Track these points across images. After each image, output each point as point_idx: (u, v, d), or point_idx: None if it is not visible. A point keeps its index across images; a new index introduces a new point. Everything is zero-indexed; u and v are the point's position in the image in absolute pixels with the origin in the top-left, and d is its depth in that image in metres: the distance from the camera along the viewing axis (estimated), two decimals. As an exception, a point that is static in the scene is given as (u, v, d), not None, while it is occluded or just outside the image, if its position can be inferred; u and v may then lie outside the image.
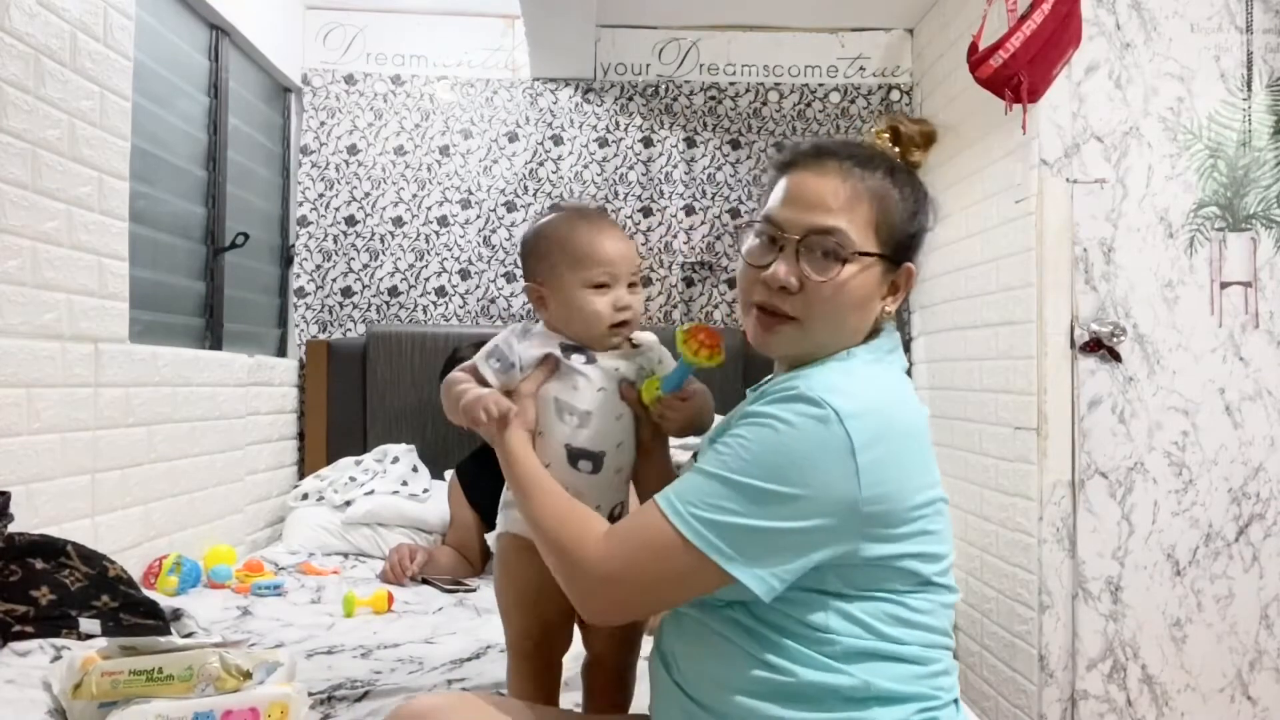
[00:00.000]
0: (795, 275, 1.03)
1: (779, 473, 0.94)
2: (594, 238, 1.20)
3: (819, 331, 1.06)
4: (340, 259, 3.49)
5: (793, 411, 0.96)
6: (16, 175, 1.89)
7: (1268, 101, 2.46)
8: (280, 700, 1.32)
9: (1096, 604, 2.44)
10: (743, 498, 0.95)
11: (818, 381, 0.98)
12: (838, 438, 0.94)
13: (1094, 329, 2.42)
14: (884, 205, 1.06)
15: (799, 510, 0.94)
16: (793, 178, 1.08)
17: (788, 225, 1.05)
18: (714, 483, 0.97)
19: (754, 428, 0.97)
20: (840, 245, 1.03)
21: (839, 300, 1.04)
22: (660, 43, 3.59)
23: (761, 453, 0.95)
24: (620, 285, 1.19)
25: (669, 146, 3.57)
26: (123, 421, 2.24)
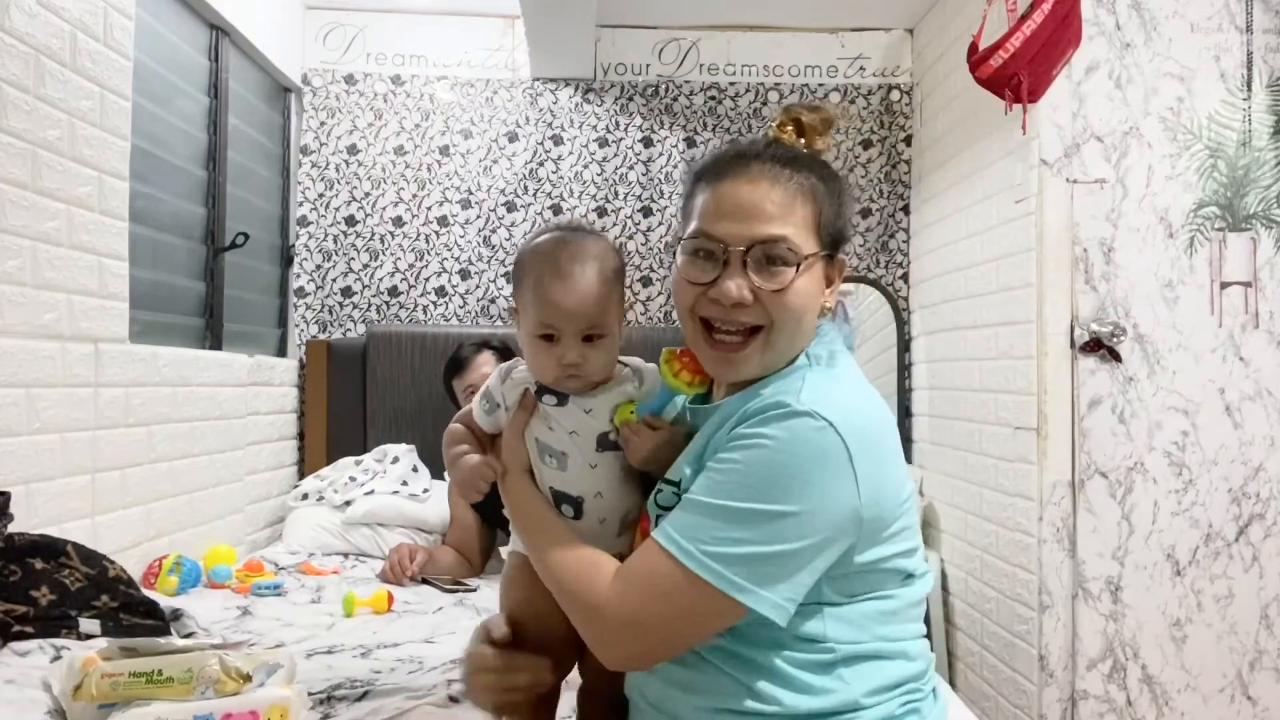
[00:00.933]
0: (748, 287, 1.01)
1: (781, 492, 0.92)
2: (548, 282, 1.08)
3: (782, 339, 1.03)
4: (340, 259, 3.49)
5: (786, 428, 0.93)
6: (16, 175, 1.89)
7: (1268, 101, 2.46)
8: (280, 703, 1.32)
9: (1096, 604, 2.44)
10: (749, 525, 0.92)
11: (807, 395, 0.96)
12: (836, 448, 0.93)
13: (1094, 329, 2.42)
14: (817, 203, 1.04)
15: (805, 527, 0.92)
16: (721, 188, 1.04)
17: (729, 238, 1.01)
18: (715, 514, 0.94)
19: (747, 450, 0.94)
20: (789, 251, 1.00)
21: (796, 305, 1.02)
22: (660, 43, 3.59)
23: (761, 474, 0.93)
24: (569, 338, 1.07)
25: (669, 146, 3.57)
26: (123, 421, 2.24)
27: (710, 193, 1.05)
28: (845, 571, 0.98)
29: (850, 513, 0.94)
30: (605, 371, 1.11)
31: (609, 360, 1.11)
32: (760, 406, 0.97)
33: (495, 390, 1.15)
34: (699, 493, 0.96)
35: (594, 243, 1.12)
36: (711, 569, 0.92)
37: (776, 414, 0.95)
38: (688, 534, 0.94)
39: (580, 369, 1.08)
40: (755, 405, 0.98)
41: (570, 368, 1.07)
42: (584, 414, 1.10)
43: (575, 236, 1.12)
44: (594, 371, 1.09)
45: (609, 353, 1.11)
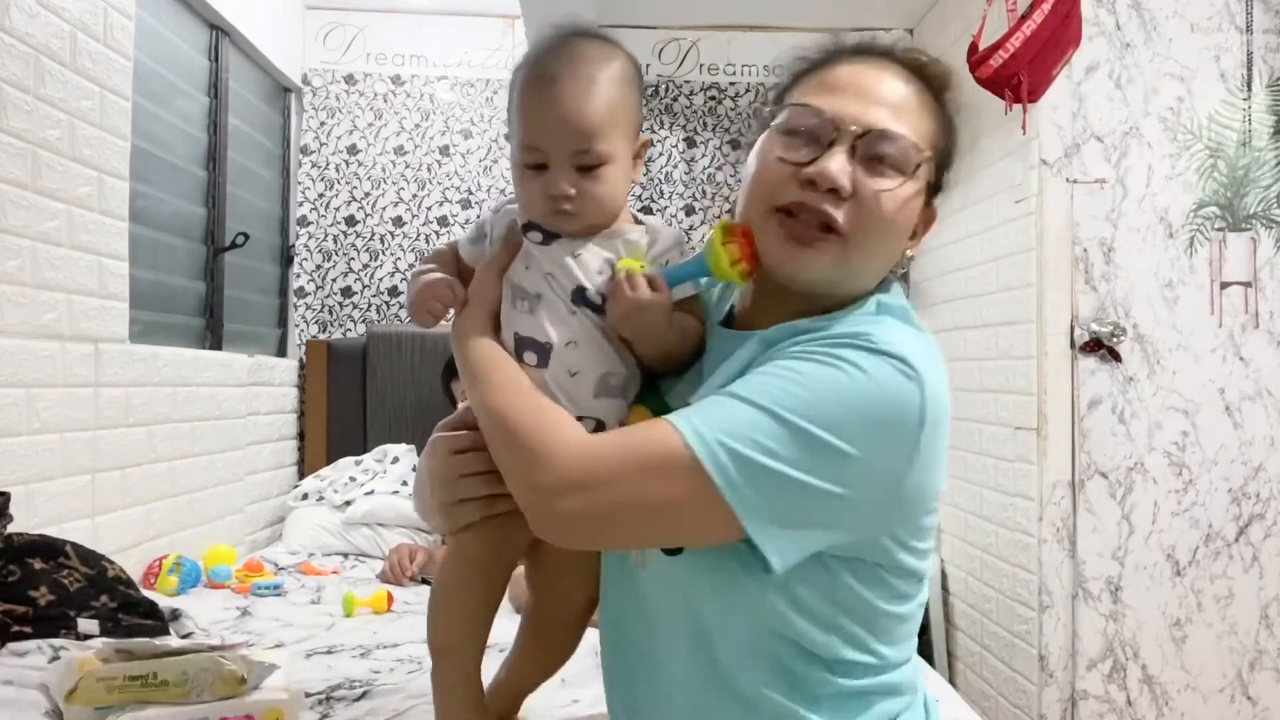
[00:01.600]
0: (849, 177, 0.83)
1: (840, 425, 0.76)
2: (530, 100, 0.89)
3: (862, 257, 0.86)
4: (340, 259, 3.49)
5: (871, 362, 0.78)
6: (16, 175, 1.89)
7: (1268, 101, 2.46)
8: (275, 707, 1.32)
9: (1096, 604, 2.43)
10: (791, 441, 0.75)
11: (897, 340, 0.80)
12: (913, 407, 0.78)
13: (1094, 329, 2.42)
14: (938, 124, 0.89)
15: (848, 474, 0.76)
16: (839, 69, 0.88)
17: (843, 116, 0.84)
18: (756, 412, 0.76)
19: (816, 364, 0.78)
20: (911, 150, 0.85)
21: (894, 220, 0.86)
22: (660, 43, 3.59)
23: (825, 395, 0.76)
24: (560, 167, 0.88)
25: (669, 146, 3.57)
26: (123, 421, 2.24)
27: (823, 73, 0.89)
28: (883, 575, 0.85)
29: (893, 480, 0.79)
30: (607, 211, 0.91)
31: (612, 196, 0.91)
32: (839, 332, 0.81)
33: (486, 219, 0.99)
34: (738, 387, 0.79)
35: (598, 47, 0.91)
36: (722, 466, 0.74)
37: (862, 344, 0.79)
38: (710, 419, 0.77)
39: (574, 203, 0.88)
40: (831, 330, 0.82)
41: (560, 200, 0.88)
42: (569, 258, 0.90)
43: (576, 38, 0.91)
44: (591, 209, 0.89)
45: (612, 187, 0.90)
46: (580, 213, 0.89)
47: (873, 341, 0.79)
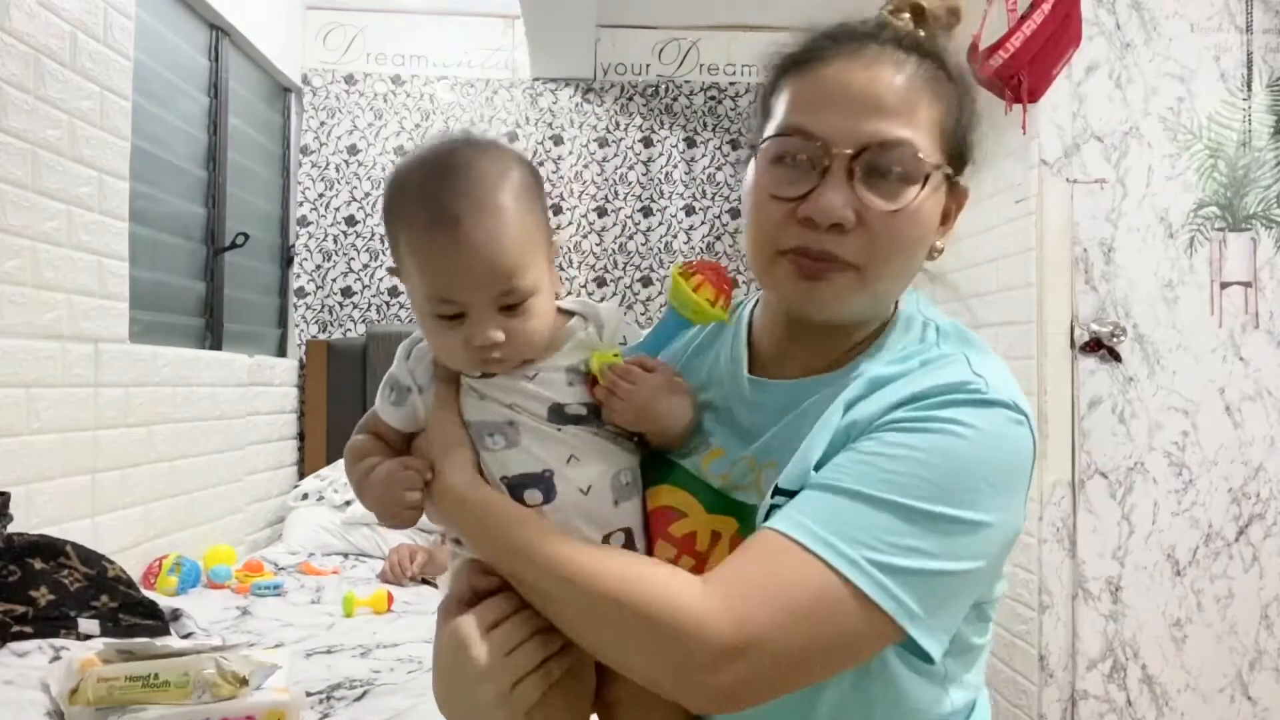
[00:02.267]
0: (852, 205, 0.74)
1: (973, 497, 0.69)
2: (430, 247, 0.75)
3: (880, 281, 0.77)
4: (340, 259, 3.49)
5: (984, 417, 0.71)
6: (16, 175, 1.89)
7: (1268, 101, 2.46)
8: (276, 707, 1.32)
9: (1096, 604, 2.43)
10: (931, 531, 0.68)
11: (993, 378, 0.74)
12: (1028, 450, 0.74)
13: (1094, 329, 2.42)
14: (945, 103, 0.79)
15: (986, 544, 0.71)
16: (824, 72, 0.77)
17: (833, 136, 0.74)
18: (890, 512, 0.68)
19: (932, 436, 0.70)
20: (915, 160, 0.75)
21: (911, 235, 0.77)
22: (660, 43, 3.59)
23: (952, 470, 0.69)
24: (481, 313, 0.76)
25: (669, 146, 3.57)
26: (123, 421, 2.24)
27: (806, 79, 0.78)
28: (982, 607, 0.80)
29: (1017, 530, 0.75)
30: (539, 343, 0.79)
31: (543, 327, 0.79)
32: (935, 386, 0.73)
33: (399, 373, 0.84)
34: (854, 481, 0.70)
35: (483, 157, 0.78)
36: (881, 585, 0.67)
37: (969, 398, 0.72)
38: (843, 532, 0.68)
39: (504, 348, 0.77)
40: (925, 386, 0.73)
41: (487, 350, 0.76)
42: (525, 383, 0.79)
43: (456, 154, 0.77)
44: (523, 347, 0.78)
45: (542, 317, 0.79)
46: (511, 356, 0.78)
47: (978, 392, 0.73)
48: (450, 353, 0.79)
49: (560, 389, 0.79)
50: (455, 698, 0.75)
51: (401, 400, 0.83)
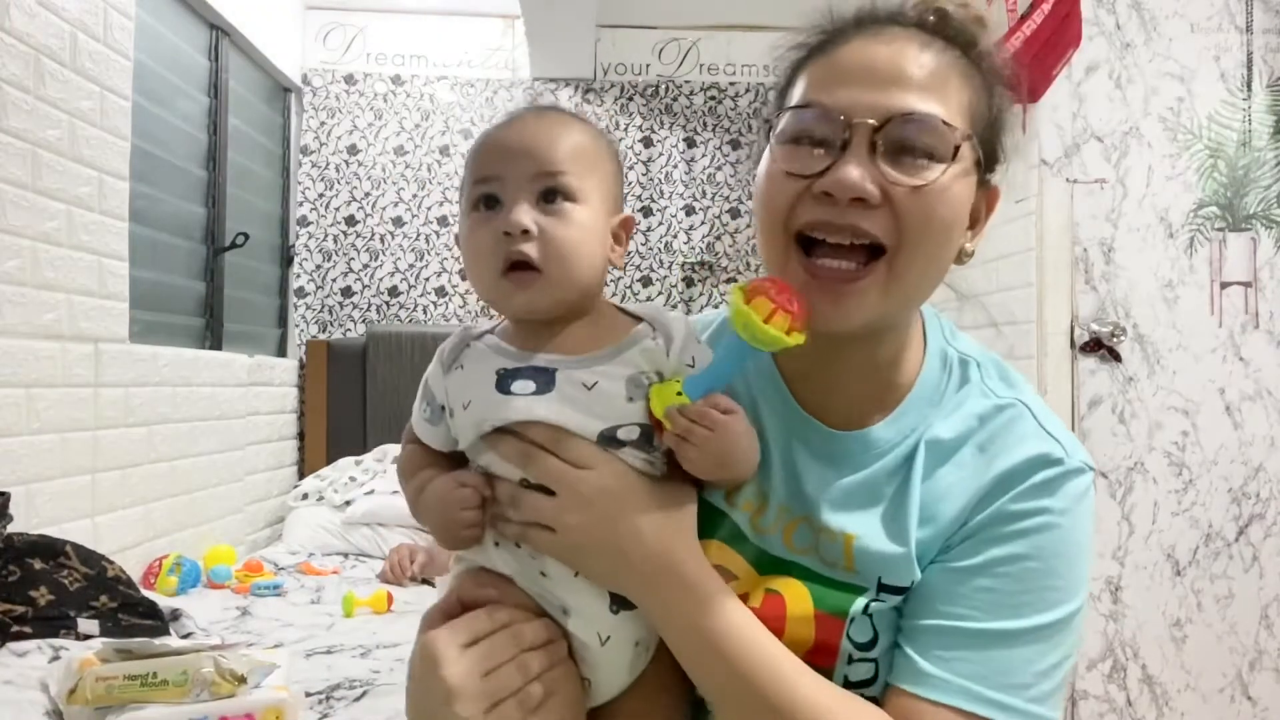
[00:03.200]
0: (876, 180, 0.67)
1: (1080, 578, 0.70)
2: (487, 137, 0.72)
3: (913, 271, 0.70)
4: (340, 259, 3.49)
5: (1069, 495, 0.70)
6: (16, 175, 1.89)
7: (1268, 101, 2.46)
8: (275, 705, 1.32)
9: (1096, 604, 2.43)
10: (1062, 636, 0.68)
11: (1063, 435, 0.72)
12: (1093, 502, 0.73)
13: (1094, 329, 2.42)
14: (975, 89, 0.72)
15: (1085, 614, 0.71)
16: (842, 50, 0.72)
17: (853, 108, 0.68)
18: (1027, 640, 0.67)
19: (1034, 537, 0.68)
20: (944, 129, 0.68)
21: (942, 217, 0.69)
22: (660, 43, 3.59)
23: (1062, 568, 0.69)
24: (517, 196, 0.69)
25: (669, 146, 3.57)
26: (123, 421, 2.24)
27: (825, 60, 0.72)
28: None
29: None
30: (573, 269, 0.70)
31: (579, 249, 0.70)
32: (1019, 466, 0.70)
33: (436, 387, 0.75)
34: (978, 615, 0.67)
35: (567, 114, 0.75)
36: (1040, 717, 0.68)
37: (1051, 477, 0.70)
38: (999, 682, 0.66)
39: (535, 245, 0.68)
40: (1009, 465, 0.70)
41: (515, 240, 0.68)
42: (584, 390, 0.68)
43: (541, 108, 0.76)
44: (554, 258, 0.69)
45: (580, 233, 0.70)
46: (542, 262, 0.68)
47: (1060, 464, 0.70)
48: (481, 253, 0.70)
49: (617, 406, 0.69)
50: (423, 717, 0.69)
51: (437, 419, 0.75)
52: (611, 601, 0.70)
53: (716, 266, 3.55)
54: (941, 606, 0.68)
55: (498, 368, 0.70)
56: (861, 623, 0.70)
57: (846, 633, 0.70)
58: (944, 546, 0.70)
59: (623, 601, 0.70)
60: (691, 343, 0.72)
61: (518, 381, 0.69)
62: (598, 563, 0.69)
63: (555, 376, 0.68)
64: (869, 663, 0.70)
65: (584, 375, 0.68)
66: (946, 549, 0.70)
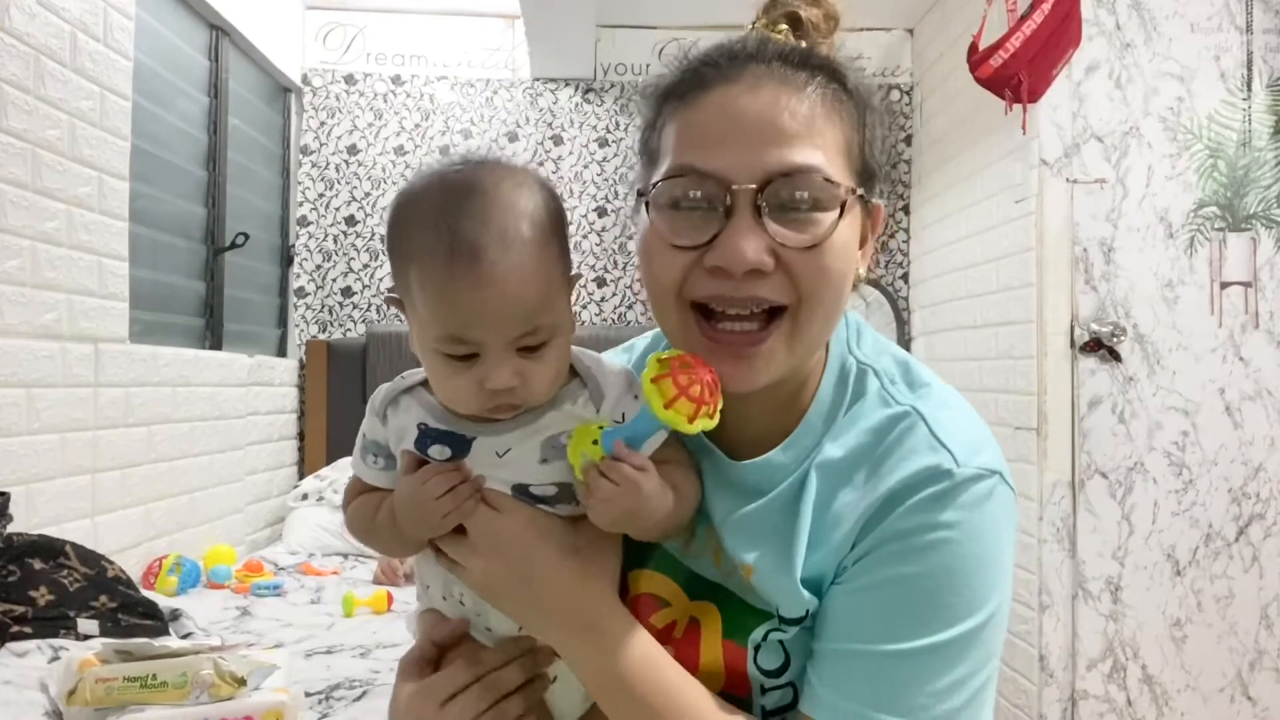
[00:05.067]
0: (766, 245, 0.66)
1: (982, 594, 0.67)
2: (449, 272, 0.66)
3: (814, 324, 0.70)
4: (340, 259, 3.49)
5: (963, 505, 0.67)
6: (16, 175, 1.89)
7: (1268, 101, 2.46)
8: (274, 708, 1.32)
9: (1096, 604, 2.43)
10: (961, 657, 0.66)
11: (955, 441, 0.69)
12: (1008, 505, 0.70)
13: (1094, 329, 2.42)
14: (845, 119, 0.71)
15: (1001, 621, 0.69)
16: (706, 102, 0.69)
17: (731, 172, 0.66)
18: (918, 663, 0.66)
19: (926, 555, 0.66)
20: (827, 186, 0.67)
21: (836, 270, 0.69)
22: (660, 43, 3.59)
23: (958, 583, 0.67)
24: (498, 354, 0.67)
25: (669, 146, 3.57)
26: (123, 421, 2.24)
27: (690, 112, 0.70)
28: None
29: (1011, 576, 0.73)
30: (553, 388, 0.71)
31: (560, 369, 0.71)
32: (906, 483, 0.67)
33: (379, 437, 0.75)
34: (871, 638, 0.66)
35: (507, 180, 0.69)
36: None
37: (941, 490, 0.67)
38: (894, 706, 0.65)
39: (518, 394, 0.69)
40: (895, 482, 0.68)
41: (502, 395, 0.68)
42: (495, 457, 0.71)
43: (478, 176, 0.69)
44: (537, 392, 0.70)
45: (559, 360, 0.71)
46: (524, 401, 0.70)
47: (949, 477, 0.67)
48: (457, 395, 0.69)
49: (529, 468, 0.71)
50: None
51: (391, 465, 0.75)
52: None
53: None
54: (837, 629, 0.68)
55: (419, 422, 0.72)
56: (770, 649, 0.70)
57: (754, 660, 0.71)
58: (839, 569, 0.69)
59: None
60: (625, 399, 0.72)
61: (434, 446, 0.71)
62: (508, 605, 0.71)
63: (472, 445, 0.71)
64: (784, 688, 0.70)
65: (496, 444, 0.70)
66: (841, 571, 0.69)
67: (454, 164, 0.70)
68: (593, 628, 0.69)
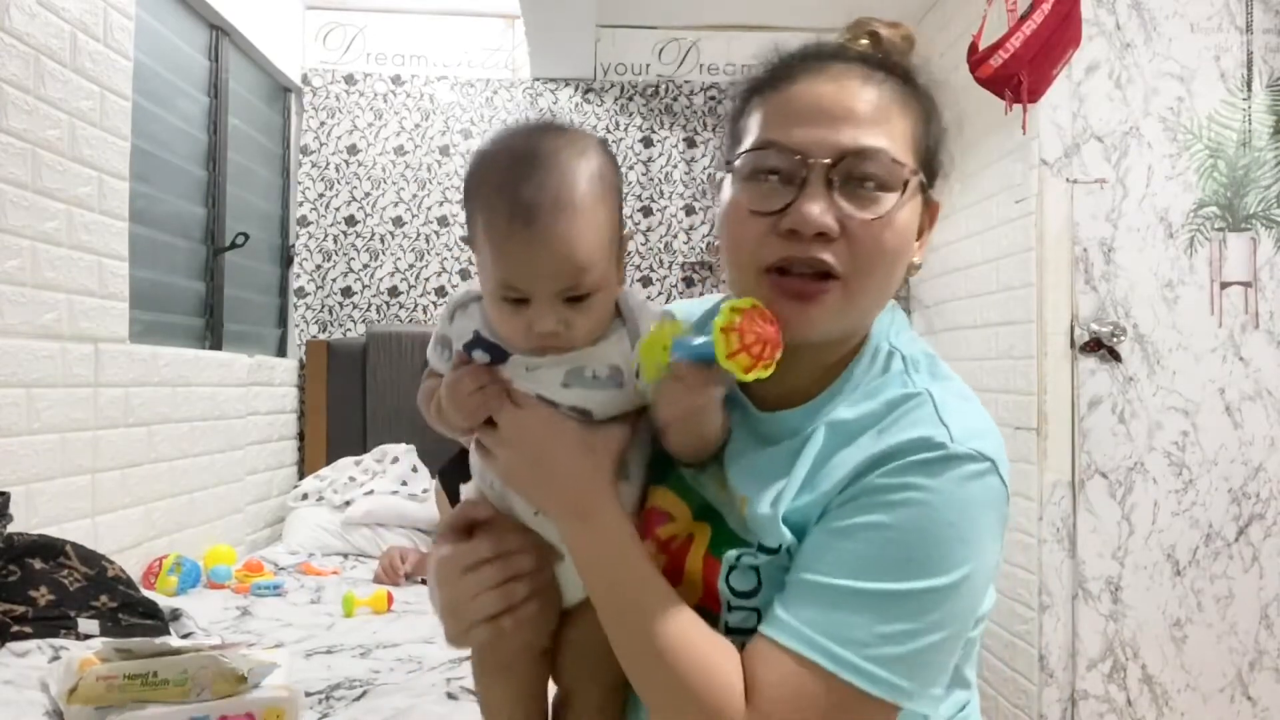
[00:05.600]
0: (834, 214, 0.74)
1: (944, 560, 0.72)
2: (506, 227, 0.76)
3: (866, 294, 0.78)
4: (340, 259, 3.49)
5: (947, 478, 0.72)
6: (16, 175, 1.89)
7: (1268, 101, 2.46)
8: (276, 705, 1.32)
9: (1096, 604, 2.43)
10: (912, 612, 0.71)
11: (956, 425, 0.75)
12: (998, 495, 0.75)
13: (1094, 329, 2.42)
14: (915, 116, 0.80)
15: (966, 597, 0.73)
16: (793, 89, 0.78)
17: (809, 147, 0.75)
18: (868, 602, 0.71)
19: (897, 510, 0.72)
20: (893, 166, 0.76)
21: (892, 246, 0.77)
22: (660, 43, 3.59)
23: (921, 542, 0.71)
24: (545, 302, 0.77)
25: (669, 146, 3.57)
26: (123, 421, 2.24)
27: (776, 98, 0.79)
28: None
29: (996, 565, 0.77)
30: (597, 332, 0.81)
31: (601, 320, 0.81)
32: (901, 445, 0.73)
33: (449, 334, 0.85)
34: (834, 572, 0.72)
35: (568, 149, 0.78)
36: (879, 679, 0.70)
37: (930, 458, 0.72)
38: (837, 635, 0.71)
39: (562, 337, 0.79)
40: (892, 443, 0.74)
41: (547, 338, 0.78)
42: (524, 372, 0.80)
43: (541, 143, 0.78)
44: (581, 337, 0.80)
45: (601, 311, 0.80)
46: (569, 344, 0.79)
47: (941, 448, 0.73)
48: (510, 333, 0.79)
49: (552, 389, 0.80)
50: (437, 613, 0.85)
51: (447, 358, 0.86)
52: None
53: (716, 266, 3.55)
54: (807, 563, 0.74)
55: (475, 329, 0.82)
56: (743, 573, 0.78)
57: (725, 578, 0.78)
58: (822, 511, 0.76)
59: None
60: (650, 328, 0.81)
61: (478, 351, 0.81)
62: (523, 488, 0.81)
63: (508, 360, 0.81)
64: (749, 612, 0.77)
65: (528, 361, 0.80)
66: (825, 513, 0.75)
67: (520, 127, 0.80)
68: (587, 514, 0.78)
